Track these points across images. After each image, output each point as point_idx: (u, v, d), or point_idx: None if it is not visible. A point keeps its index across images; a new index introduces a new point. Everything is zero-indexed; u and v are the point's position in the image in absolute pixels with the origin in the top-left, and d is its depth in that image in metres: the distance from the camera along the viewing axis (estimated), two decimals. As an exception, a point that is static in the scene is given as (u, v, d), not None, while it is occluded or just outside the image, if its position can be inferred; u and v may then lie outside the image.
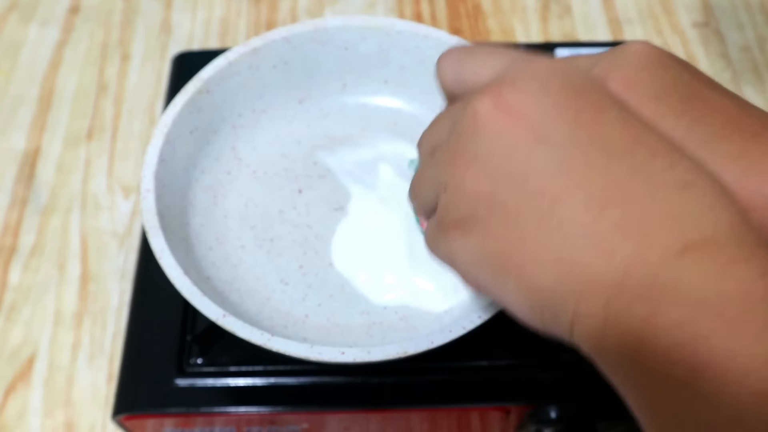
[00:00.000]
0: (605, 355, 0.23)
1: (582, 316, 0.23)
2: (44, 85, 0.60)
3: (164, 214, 0.37)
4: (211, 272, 0.39)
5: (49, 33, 0.64)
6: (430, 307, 0.39)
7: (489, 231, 0.25)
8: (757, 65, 0.62)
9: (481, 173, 0.25)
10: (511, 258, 0.25)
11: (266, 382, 0.39)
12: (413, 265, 0.40)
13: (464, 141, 0.26)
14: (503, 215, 0.25)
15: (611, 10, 0.66)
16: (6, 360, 0.48)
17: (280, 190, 0.43)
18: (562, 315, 0.24)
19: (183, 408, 0.38)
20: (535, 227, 0.24)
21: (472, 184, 0.25)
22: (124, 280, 0.50)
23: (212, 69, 0.42)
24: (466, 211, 0.26)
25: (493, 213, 0.25)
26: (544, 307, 0.24)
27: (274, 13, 0.66)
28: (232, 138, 0.44)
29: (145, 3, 0.66)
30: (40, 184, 0.55)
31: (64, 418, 0.46)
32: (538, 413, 0.38)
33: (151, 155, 0.38)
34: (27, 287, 0.51)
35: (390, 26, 0.43)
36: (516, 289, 0.25)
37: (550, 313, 0.24)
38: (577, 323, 0.23)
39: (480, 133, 0.25)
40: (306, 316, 0.39)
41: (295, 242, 0.41)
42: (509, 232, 0.25)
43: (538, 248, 0.24)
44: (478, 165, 0.25)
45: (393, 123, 0.46)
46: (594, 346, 0.23)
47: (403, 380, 0.39)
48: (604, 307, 0.22)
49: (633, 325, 0.22)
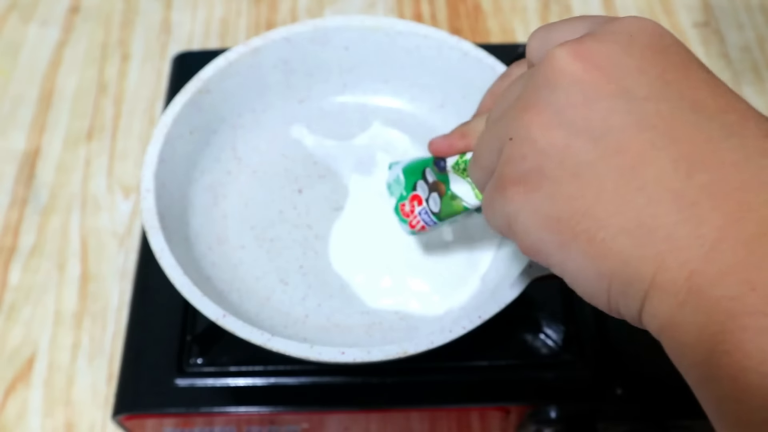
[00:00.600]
0: (680, 336, 0.21)
1: (659, 288, 0.21)
2: (44, 85, 0.60)
3: (164, 214, 0.37)
4: (211, 272, 0.39)
5: (49, 33, 0.64)
6: (426, 311, 0.39)
7: (558, 188, 0.23)
8: (757, 65, 0.62)
9: (554, 123, 0.23)
10: (582, 220, 0.22)
11: (266, 382, 0.39)
12: (412, 268, 0.40)
13: (538, 90, 0.23)
14: (576, 171, 0.22)
15: (611, 10, 0.66)
16: (6, 360, 0.48)
17: (280, 190, 0.43)
18: (635, 285, 0.21)
19: (183, 408, 0.38)
20: (614, 187, 0.22)
21: (542, 135, 0.23)
22: (124, 280, 0.50)
23: (212, 69, 0.42)
24: (533, 164, 0.23)
25: (565, 168, 0.23)
26: (615, 276, 0.22)
27: (274, 13, 0.66)
28: (232, 138, 0.44)
29: (145, 3, 0.66)
30: (40, 184, 0.55)
31: (64, 418, 0.46)
32: (538, 413, 0.38)
33: (151, 155, 0.38)
34: (27, 287, 0.51)
35: (390, 26, 0.43)
36: (583, 254, 0.22)
37: (620, 284, 0.22)
38: (652, 296, 0.21)
39: (557, 81, 0.23)
40: (306, 316, 0.39)
41: (295, 242, 0.41)
42: (582, 191, 0.22)
43: (615, 210, 0.21)
44: (551, 114, 0.23)
45: (393, 123, 0.46)
46: (667, 323, 0.21)
47: (403, 380, 0.39)
48: (687, 279, 0.20)
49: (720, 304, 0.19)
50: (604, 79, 0.22)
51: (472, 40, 0.45)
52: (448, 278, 0.39)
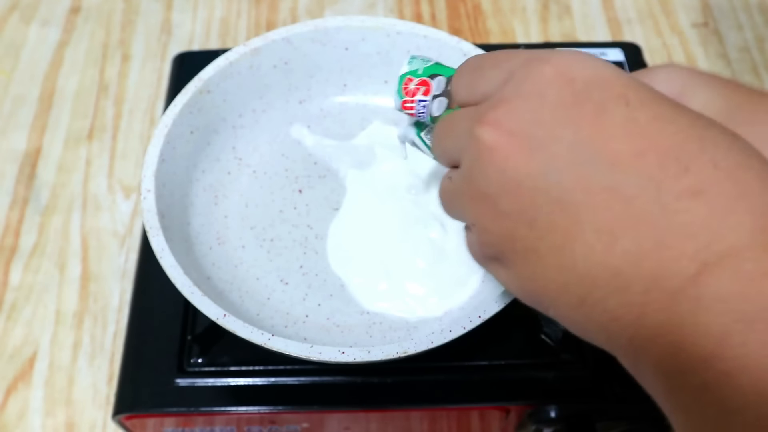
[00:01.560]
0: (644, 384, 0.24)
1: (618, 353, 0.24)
2: (45, 86, 0.61)
3: (165, 214, 0.37)
4: (211, 272, 0.39)
5: (49, 33, 0.64)
6: (426, 311, 0.39)
7: (519, 270, 0.26)
8: (755, 65, 0.62)
9: (497, 213, 0.25)
10: (543, 296, 0.25)
11: (266, 381, 0.39)
12: (412, 268, 0.40)
13: (476, 174, 0.25)
14: (525, 255, 0.25)
15: (611, 10, 0.66)
16: (7, 359, 0.48)
17: (280, 190, 0.43)
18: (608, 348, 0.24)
19: (183, 408, 0.38)
20: (552, 270, 0.24)
21: (493, 226, 0.25)
22: (125, 279, 0.51)
23: (212, 69, 0.42)
24: (497, 250, 0.26)
25: (517, 253, 0.25)
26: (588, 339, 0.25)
27: (274, 13, 0.66)
28: (233, 138, 0.44)
29: (145, 3, 0.66)
30: (41, 184, 0.55)
31: (64, 418, 0.46)
32: (538, 413, 0.38)
33: (152, 155, 0.39)
34: (28, 287, 0.51)
35: (390, 26, 0.43)
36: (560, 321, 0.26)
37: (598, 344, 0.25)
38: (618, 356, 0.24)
39: (486, 166, 0.25)
40: (306, 316, 0.39)
41: (295, 242, 0.41)
42: (534, 272, 0.25)
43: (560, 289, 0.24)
44: (493, 204, 0.25)
45: (393, 123, 0.46)
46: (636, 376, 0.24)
47: (403, 380, 0.39)
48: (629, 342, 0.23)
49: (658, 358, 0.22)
50: (523, 157, 0.24)
51: (471, 40, 0.45)
52: (447, 278, 0.39)
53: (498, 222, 0.25)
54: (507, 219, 0.25)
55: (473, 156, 0.25)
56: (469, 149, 0.26)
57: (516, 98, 0.25)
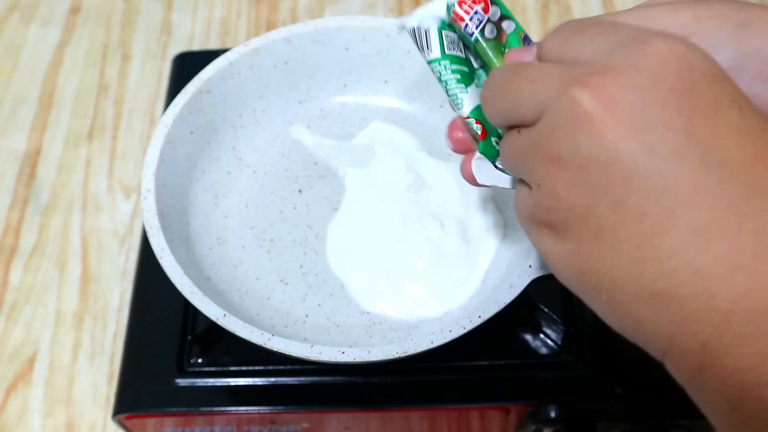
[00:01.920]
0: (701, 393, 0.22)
1: (675, 353, 0.22)
2: (45, 86, 0.61)
3: (165, 214, 0.37)
4: (211, 272, 0.39)
5: (49, 33, 0.64)
6: (426, 311, 0.39)
7: (581, 246, 0.23)
8: (757, 65, 0.62)
9: (577, 182, 0.23)
10: (601, 280, 0.23)
11: (266, 381, 0.39)
12: (412, 267, 0.40)
13: (560, 136, 0.23)
14: (598, 233, 0.23)
15: (611, 10, 0.66)
16: (7, 360, 0.48)
17: (280, 190, 0.43)
18: (651, 345, 0.23)
19: (183, 408, 0.38)
20: (632, 253, 0.22)
21: (566, 192, 0.23)
22: (125, 279, 0.51)
23: (212, 69, 0.42)
24: (560, 217, 0.24)
25: (588, 228, 0.23)
26: (633, 333, 0.23)
27: (274, 13, 0.66)
28: (232, 138, 0.44)
29: (145, 3, 0.66)
30: (41, 185, 0.55)
31: (64, 418, 0.46)
32: (537, 413, 0.38)
33: (152, 155, 0.39)
34: (28, 287, 0.51)
35: (390, 26, 0.43)
36: (604, 309, 0.24)
37: (639, 340, 0.23)
38: (670, 357, 0.22)
39: (578, 132, 0.22)
40: (306, 316, 0.39)
41: (295, 242, 0.41)
42: (602, 254, 0.23)
43: (631, 278, 0.22)
44: (574, 172, 0.23)
45: (393, 123, 0.46)
46: (688, 381, 0.22)
47: (403, 380, 0.39)
48: (701, 348, 0.21)
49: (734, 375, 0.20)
50: (626, 133, 0.22)
51: (472, 40, 0.45)
52: (447, 278, 0.39)
53: (574, 191, 0.23)
54: (587, 192, 0.23)
55: (562, 116, 0.23)
56: (557, 108, 0.23)
57: (627, 69, 0.22)
